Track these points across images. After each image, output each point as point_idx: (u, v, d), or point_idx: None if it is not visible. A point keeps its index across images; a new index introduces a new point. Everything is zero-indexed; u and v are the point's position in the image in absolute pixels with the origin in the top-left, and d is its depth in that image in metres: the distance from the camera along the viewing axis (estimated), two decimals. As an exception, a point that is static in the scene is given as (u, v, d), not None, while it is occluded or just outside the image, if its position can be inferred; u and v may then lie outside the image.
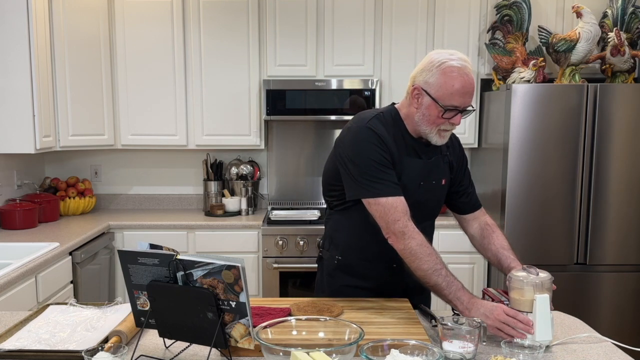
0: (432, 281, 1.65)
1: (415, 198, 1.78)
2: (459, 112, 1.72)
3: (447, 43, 3.62)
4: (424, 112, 1.75)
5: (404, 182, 1.77)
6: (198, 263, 1.32)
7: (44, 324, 1.61)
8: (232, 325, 1.35)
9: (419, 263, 1.67)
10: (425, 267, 1.66)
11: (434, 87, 1.71)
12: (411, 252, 1.68)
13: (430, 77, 1.71)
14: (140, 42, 3.61)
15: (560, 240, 3.28)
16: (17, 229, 3.21)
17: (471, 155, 4.02)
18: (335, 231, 1.96)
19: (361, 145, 1.76)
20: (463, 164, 1.99)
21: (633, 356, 1.49)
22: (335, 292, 1.93)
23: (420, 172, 1.83)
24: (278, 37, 3.61)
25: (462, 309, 1.60)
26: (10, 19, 3.03)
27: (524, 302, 1.51)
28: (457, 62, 1.71)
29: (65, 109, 3.38)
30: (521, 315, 1.49)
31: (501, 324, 1.50)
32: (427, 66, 1.73)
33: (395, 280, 1.89)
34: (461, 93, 1.69)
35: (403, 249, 1.69)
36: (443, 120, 1.73)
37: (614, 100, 3.20)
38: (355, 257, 1.91)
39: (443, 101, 1.70)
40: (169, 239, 3.43)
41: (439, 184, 1.88)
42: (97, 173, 4.03)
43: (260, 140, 3.71)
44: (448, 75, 1.69)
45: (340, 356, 1.25)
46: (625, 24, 3.46)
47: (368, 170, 1.73)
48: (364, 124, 1.79)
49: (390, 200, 1.70)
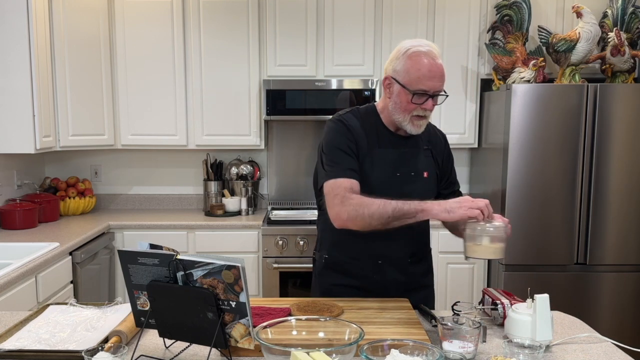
0: (389, 211, 1.64)
1: (395, 189, 1.80)
2: (429, 96, 1.75)
3: (447, 43, 3.62)
4: (395, 100, 1.79)
5: (378, 173, 1.82)
6: (198, 263, 1.32)
7: (44, 324, 1.61)
8: (232, 325, 1.35)
9: (368, 208, 1.66)
10: (374, 207, 1.65)
11: (401, 74, 1.76)
12: (355, 207, 1.67)
13: (398, 65, 1.77)
14: (140, 42, 3.61)
15: (560, 240, 3.28)
16: (17, 229, 3.21)
17: (471, 155, 4.02)
18: (323, 231, 1.99)
19: (329, 136, 1.84)
20: (450, 162, 2.01)
21: (633, 356, 1.49)
22: (325, 291, 1.95)
23: (395, 162, 1.85)
24: (278, 37, 3.61)
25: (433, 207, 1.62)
26: (10, 19, 3.03)
27: (478, 248, 1.55)
28: (423, 48, 1.75)
29: (65, 109, 3.38)
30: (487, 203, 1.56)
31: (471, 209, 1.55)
32: (395, 55, 1.79)
33: (382, 278, 1.90)
34: (428, 77, 1.73)
35: (347, 212, 1.68)
36: (414, 105, 1.76)
37: (614, 100, 3.20)
38: (342, 255, 1.93)
39: (411, 86, 1.74)
40: (169, 239, 3.43)
41: (420, 176, 1.89)
42: (97, 173, 4.03)
43: (260, 140, 3.71)
44: (414, 60, 1.74)
45: (340, 356, 1.25)
46: (625, 24, 3.47)
47: (329, 156, 1.80)
48: (336, 117, 1.87)
49: (339, 181, 1.74)
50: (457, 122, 3.71)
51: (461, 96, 3.68)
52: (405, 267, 1.92)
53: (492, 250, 1.58)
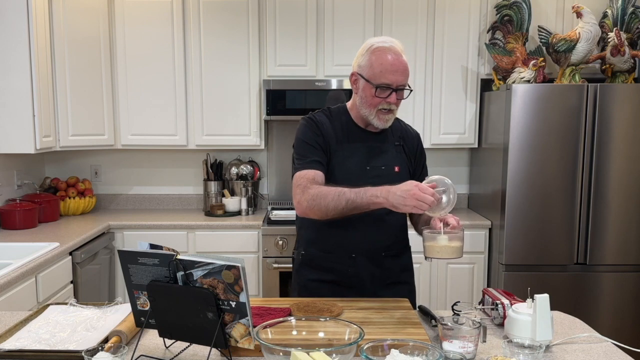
0: (343, 202, 1.70)
1: (366, 182, 1.82)
2: (392, 90, 1.81)
3: (447, 43, 3.63)
4: (361, 94, 1.86)
5: (348, 166, 1.87)
6: (198, 263, 1.32)
7: (44, 324, 1.61)
8: (232, 325, 1.35)
9: (324, 199, 1.73)
10: (329, 198, 1.73)
11: (365, 69, 1.83)
12: (312, 197, 1.75)
13: (362, 60, 1.85)
14: (140, 42, 3.61)
15: (560, 240, 3.28)
16: (17, 229, 3.21)
17: (471, 155, 4.02)
18: (300, 229, 2.04)
19: (298, 132, 1.92)
20: (422, 159, 2.04)
21: (633, 356, 1.49)
22: (302, 287, 1.99)
23: (365, 156, 1.90)
24: (278, 37, 3.61)
25: (383, 200, 1.64)
26: (10, 19, 3.03)
27: (436, 248, 1.62)
28: (386, 44, 1.82)
29: (65, 109, 3.38)
30: (432, 193, 1.57)
31: (417, 202, 1.56)
32: (360, 52, 1.88)
33: (356, 271, 1.92)
34: (390, 71, 1.79)
35: (306, 200, 1.76)
36: (379, 99, 1.82)
37: (614, 100, 3.20)
38: (316, 250, 1.96)
39: (374, 80, 1.81)
40: (169, 239, 3.43)
41: (391, 170, 1.92)
42: (97, 173, 4.03)
43: (260, 140, 3.71)
44: (377, 55, 1.81)
45: (340, 356, 1.25)
46: (625, 24, 3.47)
47: (298, 150, 1.89)
48: (307, 116, 1.95)
49: (302, 172, 1.83)
50: (457, 122, 3.71)
51: (461, 96, 3.68)
52: (380, 261, 1.94)
53: (451, 250, 1.63)
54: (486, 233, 3.50)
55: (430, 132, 3.68)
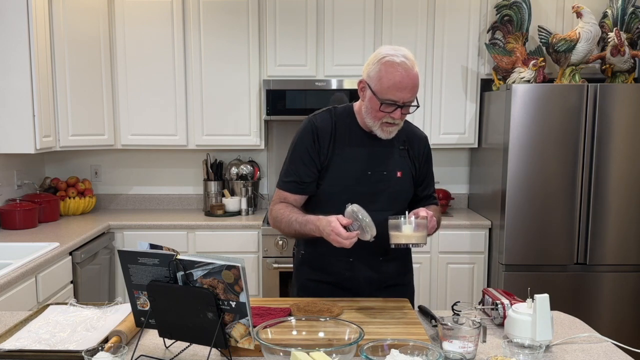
0: (292, 230, 1.83)
1: (366, 187, 1.82)
2: (397, 106, 1.75)
3: (447, 43, 3.63)
4: (366, 104, 1.82)
5: (348, 171, 1.85)
6: (198, 263, 1.32)
7: (44, 324, 1.61)
8: (232, 325, 1.35)
9: (280, 223, 1.87)
10: (283, 224, 1.85)
11: (374, 80, 1.76)
12: (273, 218, 1.89)
13: (372, 71, 1.77)
14: (140, 43, 3.61)
15: (560, 240, 3.28)
16: (17, 229, 3.21)
17: (471, 155, 4.02)
18: None
19: (296, 137, 1.94)
20: (428, 164, 2.00)
21: (633, 356, 1.49)
22: (301, 285, 2.00)
23: (366, 161, 1.87)
24: (278, 37, 3.61)
25: (318, 234, 1.73)
26: (10, 19, 3.03)
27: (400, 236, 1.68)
28: (398, 58, 1.73)
29: (65, 109, 3.38)
30: (347, 236, 1.63)
31: (339, 244, 1.64)
32: (371, 60, 1.79)
33: (353, 275, 1.92)
34: (398, 88, 1.72)
35: (271, 218, 1.91)
36: (383, 113, 1.77)
37: (614, 100, 3.20)
38: (315, 251, 1.96)
39: (380, 94, 1.75)
40: (169, 239, 3.43)
41: (393, 175, 1.89)
42: (97, 173, 4.03)
43: (260, 140, 3.71)
44: (386, 70, 1.73)
45: (340, 356, 1.25)
46: (625, 24, 3.46)
47: (288, 160, 1.92)
48: (309, 117, 1.94)
49: (278, 191, 1.93)
50: (457, 122, 3.71)
51: (461, 96, 3.68)
52: (378, 266, 1.93)
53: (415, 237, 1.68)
54: (486, 233, 3.50)
55: (430, 132, 3.68)
